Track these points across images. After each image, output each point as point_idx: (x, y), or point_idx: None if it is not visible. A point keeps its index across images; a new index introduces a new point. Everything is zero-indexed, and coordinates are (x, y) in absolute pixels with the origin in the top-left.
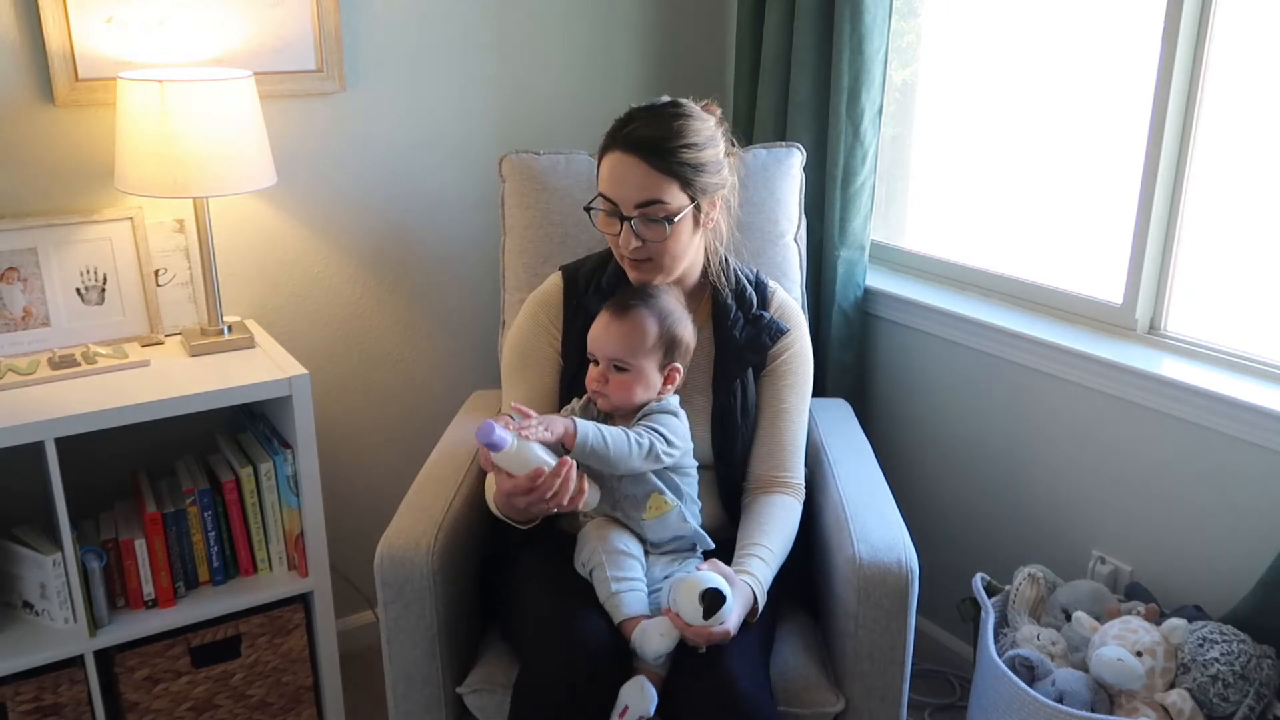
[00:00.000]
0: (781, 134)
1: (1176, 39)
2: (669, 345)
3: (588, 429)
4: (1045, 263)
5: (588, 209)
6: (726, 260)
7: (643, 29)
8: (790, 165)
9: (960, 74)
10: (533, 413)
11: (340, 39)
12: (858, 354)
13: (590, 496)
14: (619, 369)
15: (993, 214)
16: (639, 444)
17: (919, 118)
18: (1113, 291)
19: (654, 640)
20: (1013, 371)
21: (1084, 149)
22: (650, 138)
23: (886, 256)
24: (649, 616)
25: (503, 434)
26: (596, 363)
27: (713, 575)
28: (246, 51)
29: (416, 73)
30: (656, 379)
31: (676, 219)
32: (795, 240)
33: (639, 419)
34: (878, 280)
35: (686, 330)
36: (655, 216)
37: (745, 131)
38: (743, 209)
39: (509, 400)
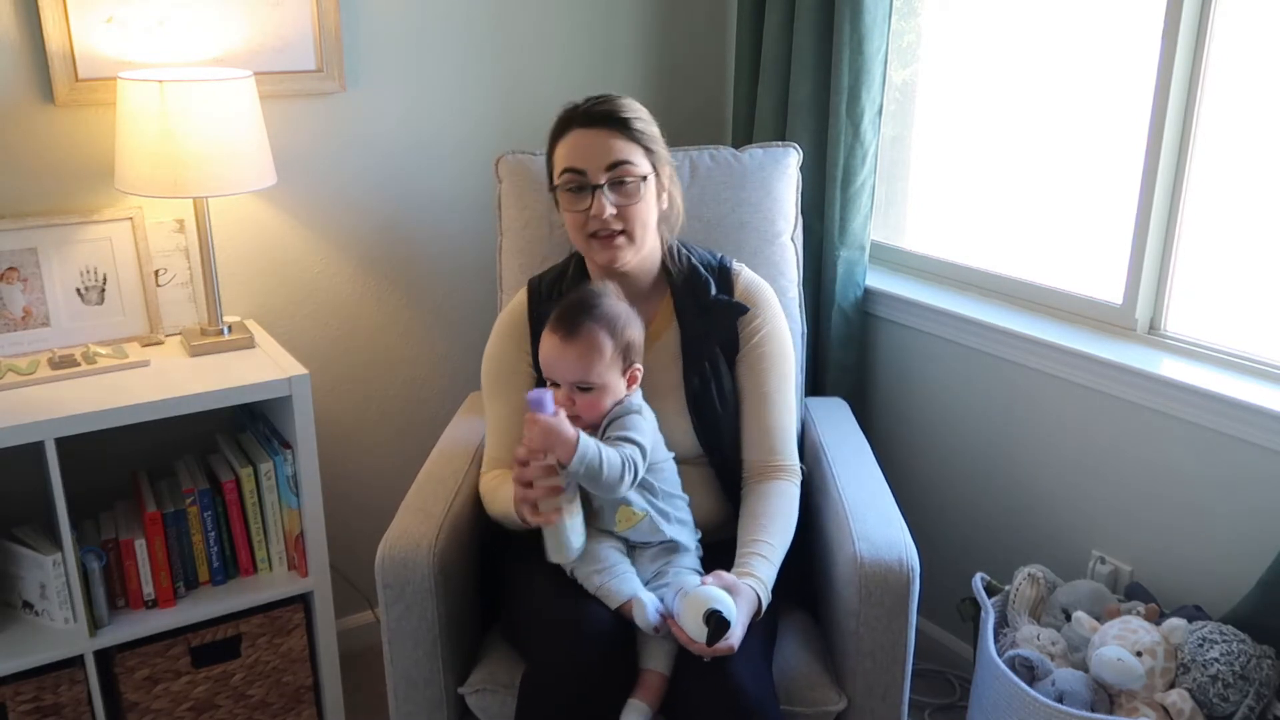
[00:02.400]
0: (781, 134)
1: (1176, 39)
2: (626, 351)
3: (589, 444)
4: (1045, 263)
5: (553, 189)
6: (683, 249)
7: (642, 29)
8: (787, 165)
9: (960, 74)
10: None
11: (340, 39)
12: (858, 354)
13: (574, 539)
14: (583, 389)
15: (992, 214)
16: (629, 470)
17: (919, 118)
18: (1113, 291)
19: (650, 609)
20: (1013, 371)
21: (1084, 149)
22: (609, 111)
23: (886, 256)
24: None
25: (551, 404)
26: (557, 385)
27: (718, 593)
28: (246, 51)
29: (416, 73)
30: (621, 386)
31: (645, 182)
32: (793, 240)
33: (606, 424)
34: (878, 280)
35: (637, 329)
36: (624, 178)
37: (745, 131)
38: (739, 209)
39: (492, 419)
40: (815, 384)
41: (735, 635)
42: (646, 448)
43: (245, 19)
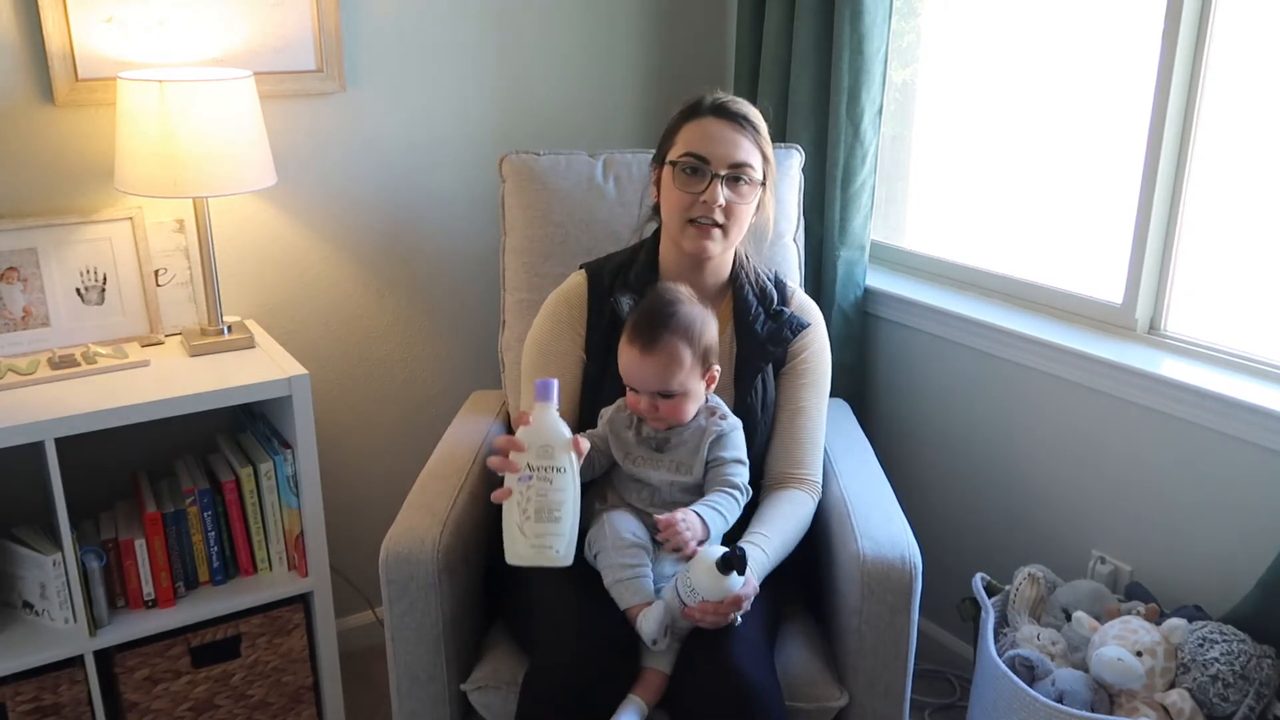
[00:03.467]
0: (781, 134)
1: (1176, 39)
2: (705, 356)
3: (714, 520)
4: (1045, 263)
5: (671, 162)
6: (748, 257)
7: (643, 29)
8: (789, 166)
9: (960, 74)
10: (676, 516)
11: (340, 39)
12: (858, 354)
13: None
14: (665, 395)
15: (992, 214)
16: (744, 499)
17: (919, 118)
18: (1113, 291)
19: (653, 622)
20: (1013, 371)
21: (1084, 149)
22: (746, 114)
23: (886, 256)
24: (653, 603)
25: (555, 394)
26: (635, 390)
27: (715, 548)
28: (246, 51)
29: (416, 73)
30: (701, 389)
31: (757, 188)
32: (794, 240)
33: (710, 442)
34: (878, 280)
35: (713, 331)
36: (742, 176)
37: None
38: None
39: (529, 398)
40: None
41: (750, 586)
42: (748, 463)
43: (245, 19)
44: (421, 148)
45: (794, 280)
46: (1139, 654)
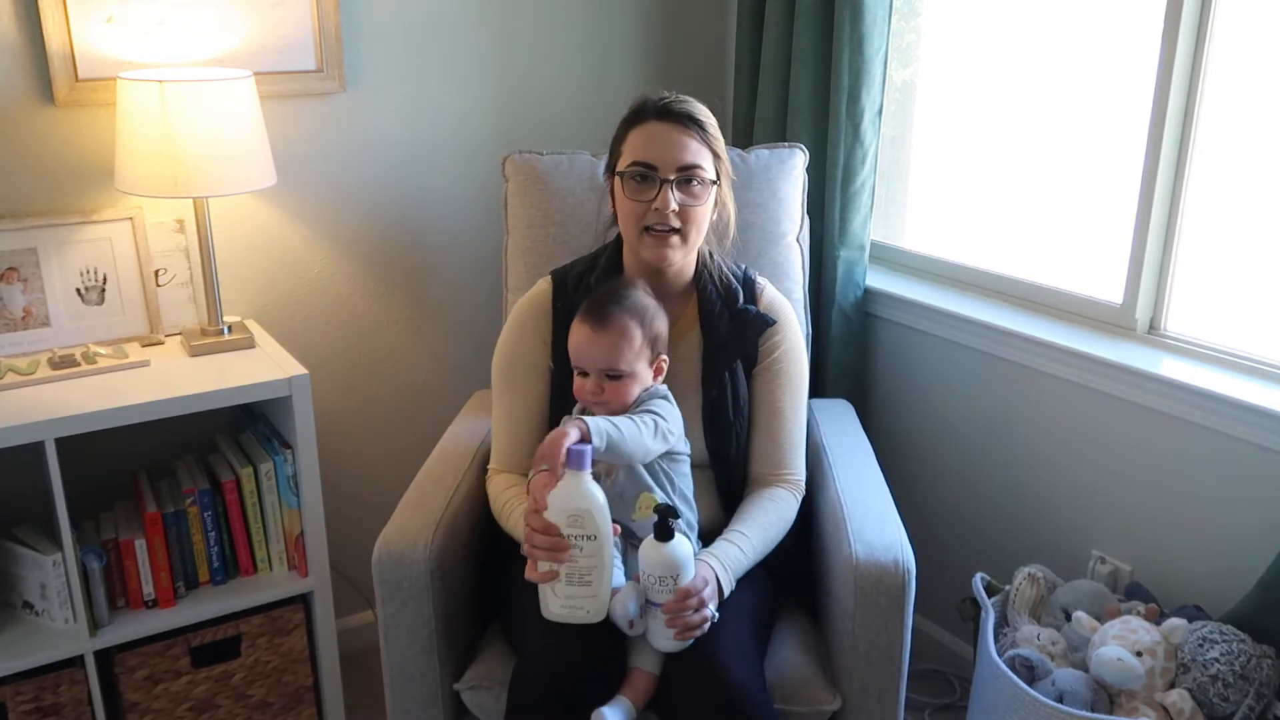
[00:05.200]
0: (781, 134)
1: (1176, 39)
2: (653, 342)
3: (600, 425)
4: (1045, 263)
5: (618, 174)
6: (711, 255)
7: (643, 29)
8: (793, 166)
9: (960, 74)
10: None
11: (340, 39)
12: (858, 354)
13: (551, 604)
14: (612, 376)
15: (992, 214)
16: (645, 424)
17: (919, 118)
18: (1113, 291)
19: (622, 604)
20: (1013, 371)
21: (1084, 149)
22: (690, 112)
23: (886, 256)
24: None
25: (589, 459)
26: (584, 374)
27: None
28: (246, 51)
29: (416, 73)
30: (649, 375)
31: (710, 187)
32: (798, 240)
33: (633, 409)
34: (878, 280)
35: (663, 323)
36: (694, 179)
37: (745, 132)
38: (745, 209)
39: (502, 414)
40: (816, 384)
41: (706, 588)
42: (668, 419)
43: (245, 19)
44: (422, 147)
45: (795, 280)
46: (1139, 654)
